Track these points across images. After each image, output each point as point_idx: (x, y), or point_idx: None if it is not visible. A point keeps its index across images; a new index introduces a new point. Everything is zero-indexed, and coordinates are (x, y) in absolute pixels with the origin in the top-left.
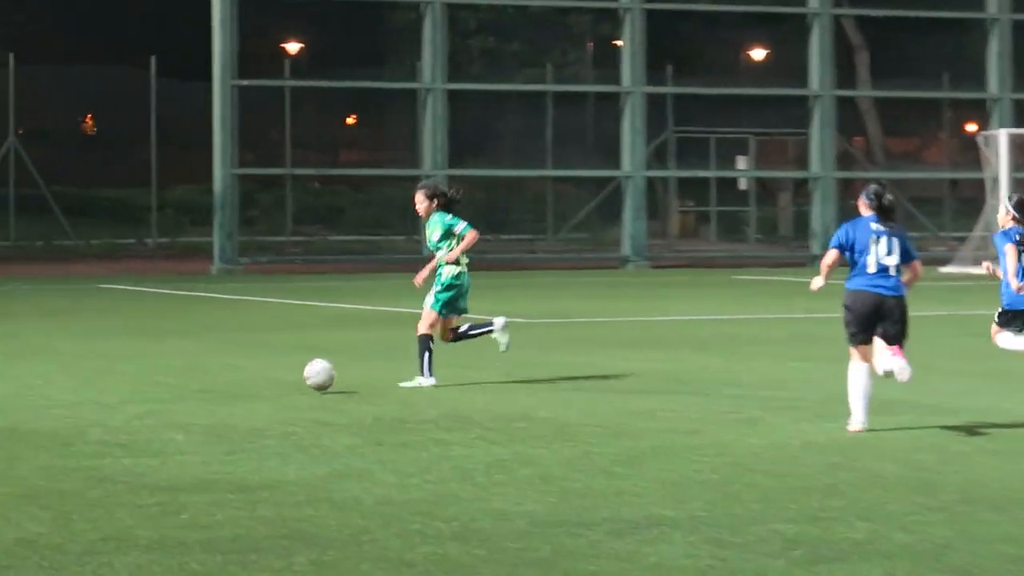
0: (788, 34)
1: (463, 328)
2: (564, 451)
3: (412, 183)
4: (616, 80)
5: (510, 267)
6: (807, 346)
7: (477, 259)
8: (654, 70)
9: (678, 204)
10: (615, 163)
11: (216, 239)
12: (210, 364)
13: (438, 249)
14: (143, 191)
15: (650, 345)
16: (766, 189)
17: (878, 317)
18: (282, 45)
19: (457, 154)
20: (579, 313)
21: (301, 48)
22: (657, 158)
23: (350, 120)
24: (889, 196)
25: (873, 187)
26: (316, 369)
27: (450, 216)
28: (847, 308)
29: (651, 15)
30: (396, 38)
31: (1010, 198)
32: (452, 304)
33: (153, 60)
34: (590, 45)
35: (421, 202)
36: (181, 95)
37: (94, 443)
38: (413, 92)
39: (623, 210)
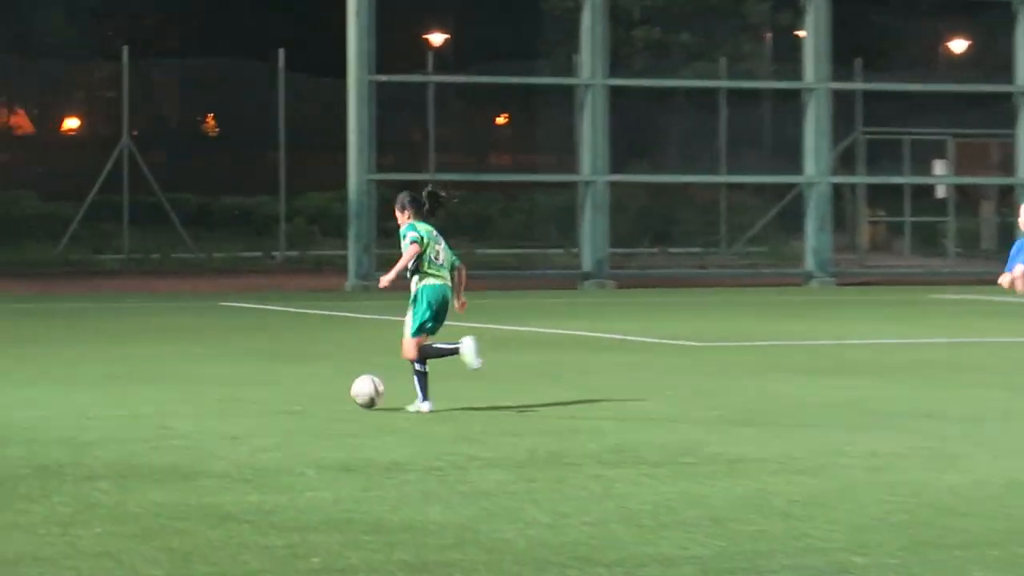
0: (992, 23)
1: (428, 344)
2: (735, 489)
3: (570, 190)
4: (798, 75)
5: (678, 284)
6: (1011, 374)
7: (641, 275)
8: (841, 64)
9: (867, 214)
10: (796, 168)
11: (351, 252)
12: (344, 391)
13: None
14: (270, 199)
15: (834, 372)
16: (967, 197)
17: None
18: (425, 36)
19: (619, 158)
20: (754, 335)
21: (446, 40)
22: (844, 163)
23: (500, 120)
24: None
25: None
26: (361, 386)
27: (410, 227)
28: None
29: (837, 2)
30: (551, 29)
31: None
32: (428, 326)
33: (281, 53)
34: (768, 36)
35: (398, 216)
36: (312, 92)
37: (216, 477)
38: (570, 89)
39: (805, 221)
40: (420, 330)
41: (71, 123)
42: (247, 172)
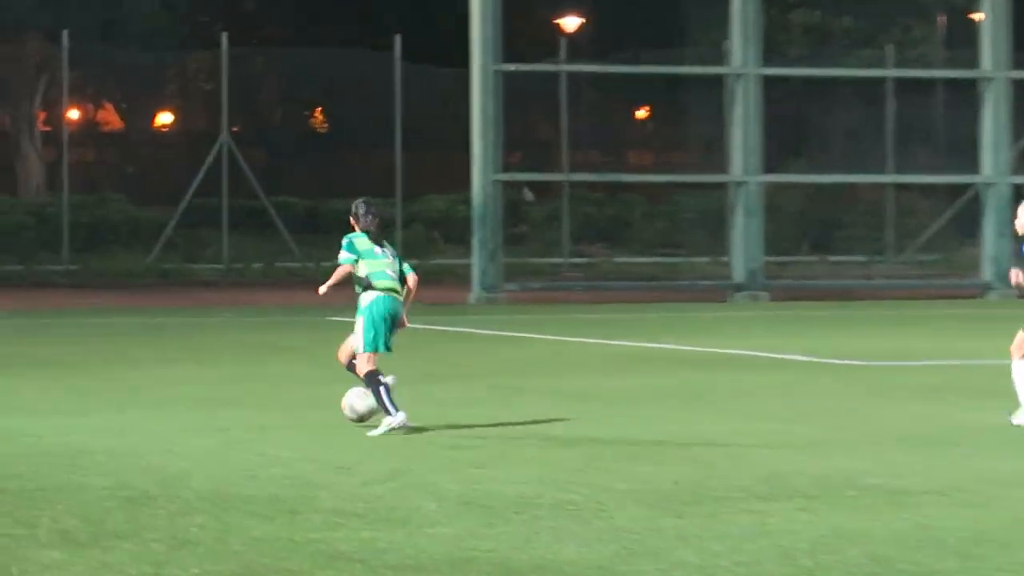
0: None
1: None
2: (898, 524)
3: (719, 192)
4: (974, 63)
5: (839, 296)
6: None
7: (798, 286)
8: (1022, 50)
9: None
10: (972, 167)
11: (475, 261)
12: (467, 415)
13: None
14: (384, 202)
15: (1009, 396)
16: None
17: None
18: (557, 22)
19: (774, 156)
20: (924, 354)
21: (580, 25)
22: None
23: (641, 114)
24: None
25: None
26: (351, 401)
27: (347, 242)
28: None
29: None
30: (698, 12)
31: None
32: (379, 341)
33: (397, 40)
34: (942, 20)
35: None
36: (431, 84)
37: (324, 511)
38: (719, 79)
39: (982, 225)
40: (371, 345)
41: (164, 119)
42: (359, 172)
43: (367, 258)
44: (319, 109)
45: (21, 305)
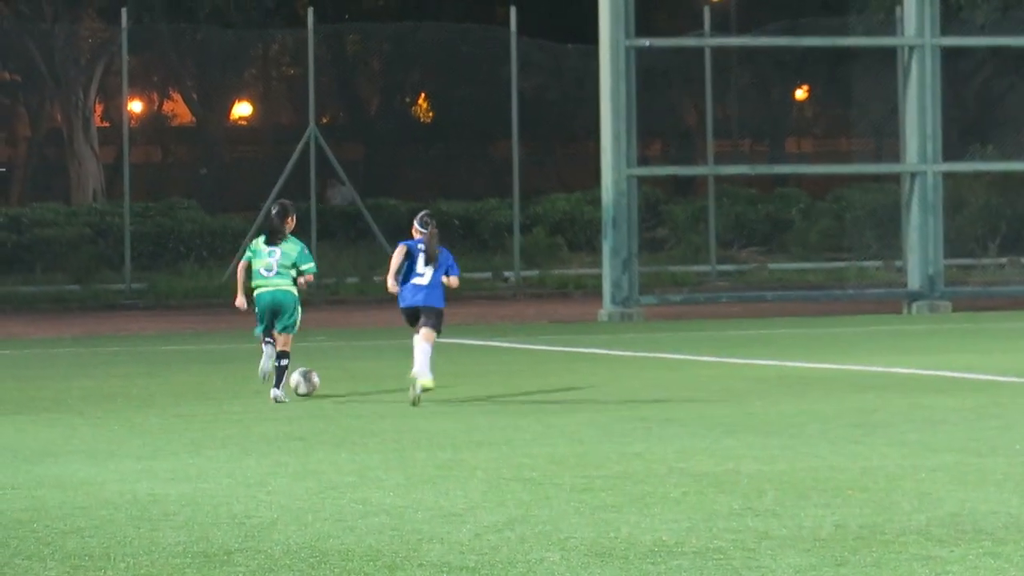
0: None
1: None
2: None
3: (892, 184)
4: None
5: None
6: None
7: (986, 294)
8: None
9: None
10: None
11: (607, 271)
12: (595, 451)
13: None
14: (500, 203)
15: None
16: None
17: None
18: None
19: (956, 141)
20: None
21: None
22: None
23: (799, 94)
24: None
25: None
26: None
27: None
28: None
29: None
30: None
31: None
32: (263, 328)
33: (512, 13)
34: None
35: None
36: (554, 63)
37: (432, 565)
38: (891, 52)
39: None
40: (262, 331)
41: (241, 110)
42: (470, 169)
43: (253, 259)
44: (423, 95)
45: (78, 331)
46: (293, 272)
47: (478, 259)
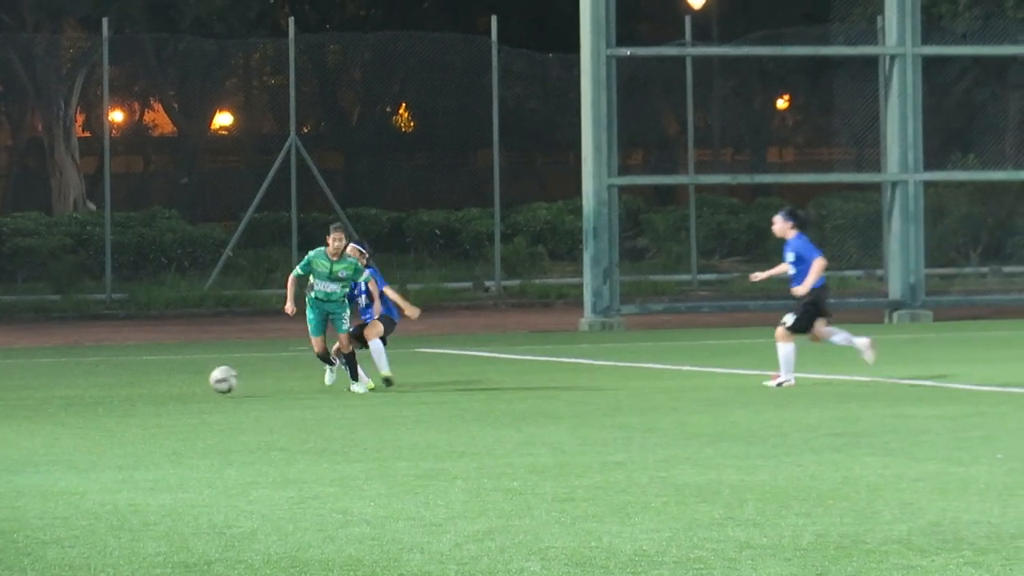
0: None
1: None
2: None
3: (874, 193)
4: None
5: (1017, 313)
6: None
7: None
8: None
9: None
10: None
11: (588, 280)
12: (576, 461)
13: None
14: (481, 212)
15: None
16: None
17: None
18: None
19: (936, 150)
20: None
21: (707, 1)
22: None
23: (780, 103)
24: None
25: None
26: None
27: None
28: None
29: None
30: None
31: None
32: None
33: (494, 22)
34: None
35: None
36: (534, 72)
37: (412, 575)
38: (872, 61)
39: None
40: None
41: (222, 119)
42: (451, 178)
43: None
44: (404, 105)
45: (59, 341)
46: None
47: (459, 268)
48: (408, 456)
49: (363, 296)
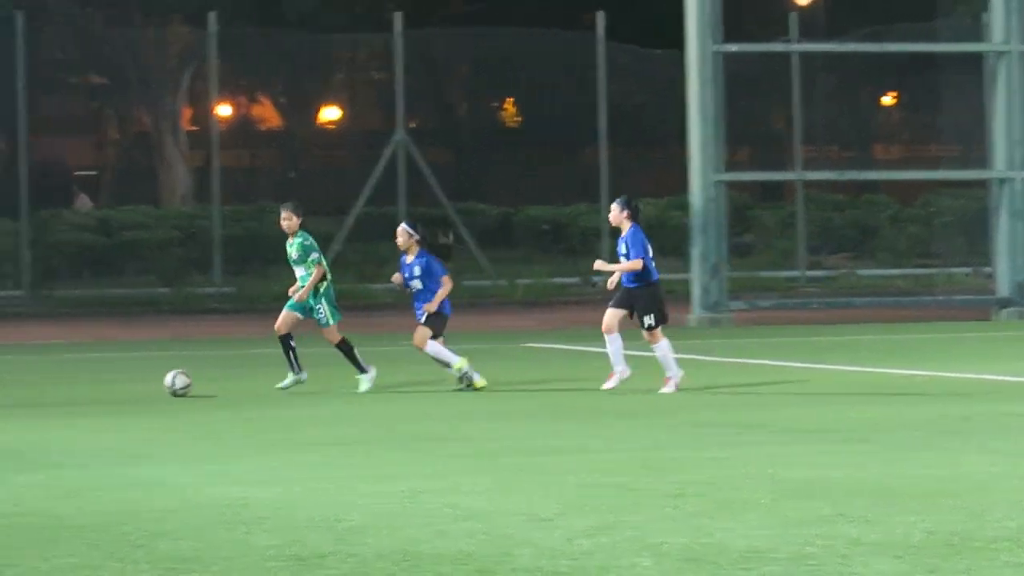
0: None
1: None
2: None
3: (981, 190)
4: None
5: None
6: None
7: None
8: None
9: None
10: None
11: (695, 276)
12: (685, 457)
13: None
14: (589, 208)
15: None
16: None
17: None
18: None
19: None
20: None
21: None
22: None
23: (887, 100)
24: None
25: None
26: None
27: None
28: None
29: None
30: None
31: None
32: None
33: (600, 18)
34: None
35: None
36: (641, 68)
37: (524, 570)
38: (978, 57)
39: None
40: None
41: (329, 114)
42: (558, 173)
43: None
44: (511, 100)
45: (167, 334)
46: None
47: (567, 264)
48: (517, 451)
49: (414, 281)
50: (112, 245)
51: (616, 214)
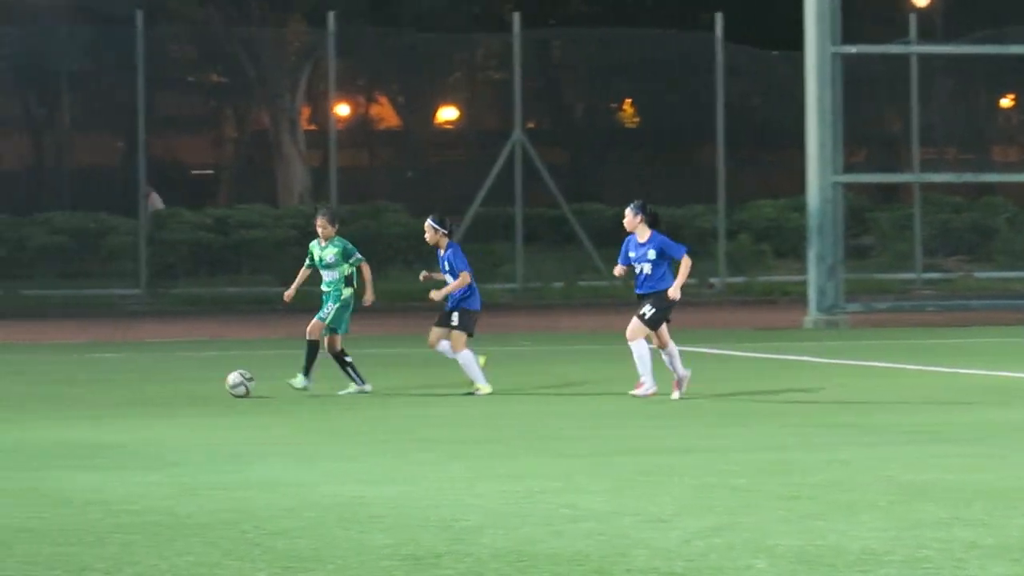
0: None
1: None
2: None
3: None
4: None
5: None
6: None
7: None
8: None
9: None
10: None
11: (812, 277)
12: (800, 459)
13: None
14: (705, 209)
15: None
16: None
17: None
18: None
19: None
20: None
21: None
22: None
23: (1005, 102)
24: None
25: None
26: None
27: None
28: None
29: None
30: None
31: None
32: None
33: (718, 19)
34: None
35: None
36: (759, 70)
37: (640, 571)
38: None
39: None
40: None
41: (447, 114)
42: (675, 174)
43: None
44: (628, 101)
45: (283, 333)
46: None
47: None
48: (633, 451)
49: (447, 275)
50: (229, 244)
51: (630, 219)
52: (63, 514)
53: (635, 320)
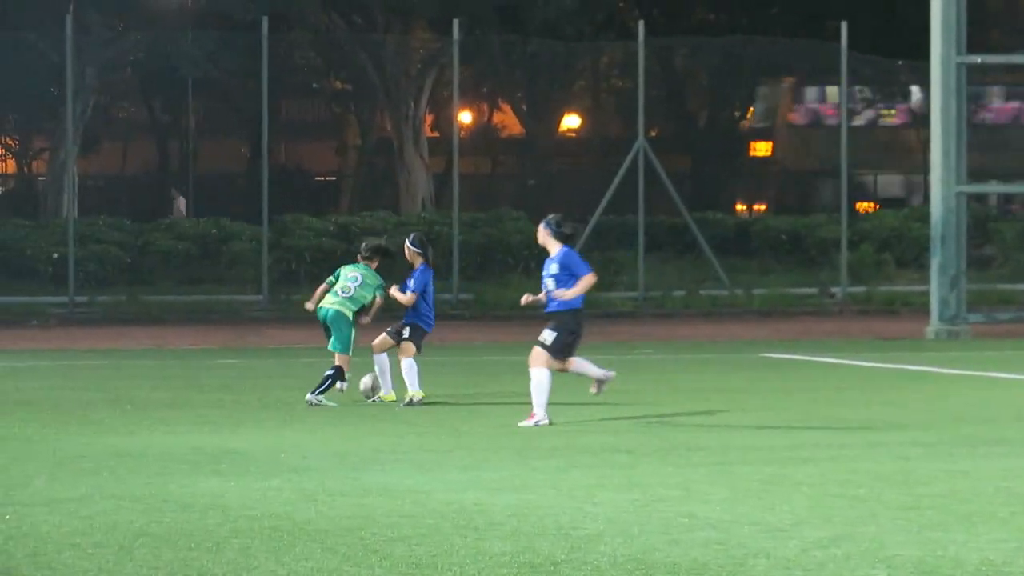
0: None
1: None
2: None
3: None
4: None
5: None
6: None
7: None
8: None
9: None
10: None
11: (935, 288)
12: (921, 469)
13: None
14: (827, 219)
15: None
16: None
17: None
18: None
19: None
20: None
21: None
22: None
23: None
24: None
25: None
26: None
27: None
28: None
29: None
30: None
31: None
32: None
33: (843, 28)
34: None
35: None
36: (880, 78)
37: None
38: None
39: None
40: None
41: (570, 122)
42: (797, 183)
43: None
44: (751, 109)
45: None
46: (365, 298)
47: (804, 274)
48: (752, 460)
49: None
50: (352, 251)
51: (541, 234)
52: (183, 519)
53: (536, 346)
